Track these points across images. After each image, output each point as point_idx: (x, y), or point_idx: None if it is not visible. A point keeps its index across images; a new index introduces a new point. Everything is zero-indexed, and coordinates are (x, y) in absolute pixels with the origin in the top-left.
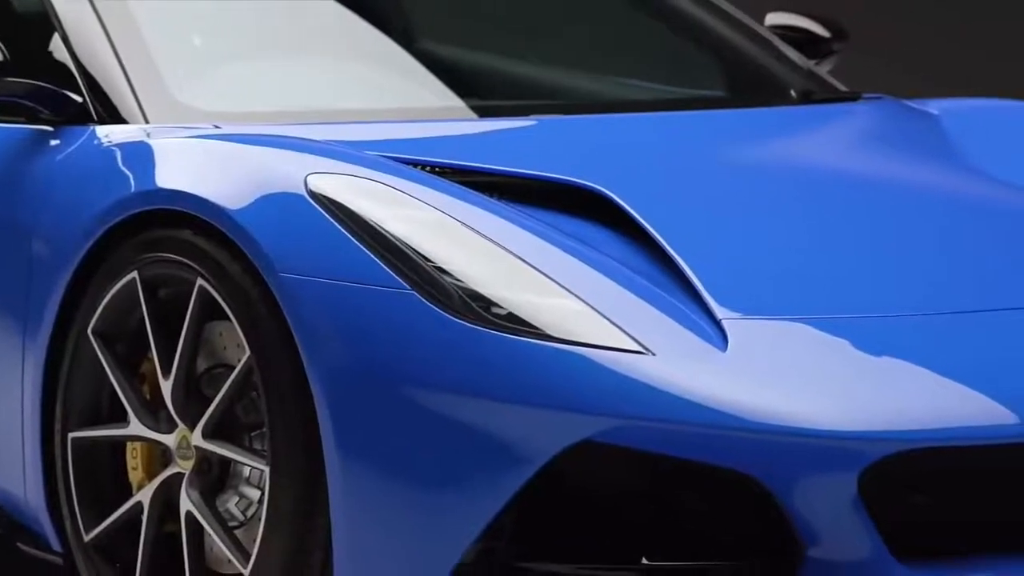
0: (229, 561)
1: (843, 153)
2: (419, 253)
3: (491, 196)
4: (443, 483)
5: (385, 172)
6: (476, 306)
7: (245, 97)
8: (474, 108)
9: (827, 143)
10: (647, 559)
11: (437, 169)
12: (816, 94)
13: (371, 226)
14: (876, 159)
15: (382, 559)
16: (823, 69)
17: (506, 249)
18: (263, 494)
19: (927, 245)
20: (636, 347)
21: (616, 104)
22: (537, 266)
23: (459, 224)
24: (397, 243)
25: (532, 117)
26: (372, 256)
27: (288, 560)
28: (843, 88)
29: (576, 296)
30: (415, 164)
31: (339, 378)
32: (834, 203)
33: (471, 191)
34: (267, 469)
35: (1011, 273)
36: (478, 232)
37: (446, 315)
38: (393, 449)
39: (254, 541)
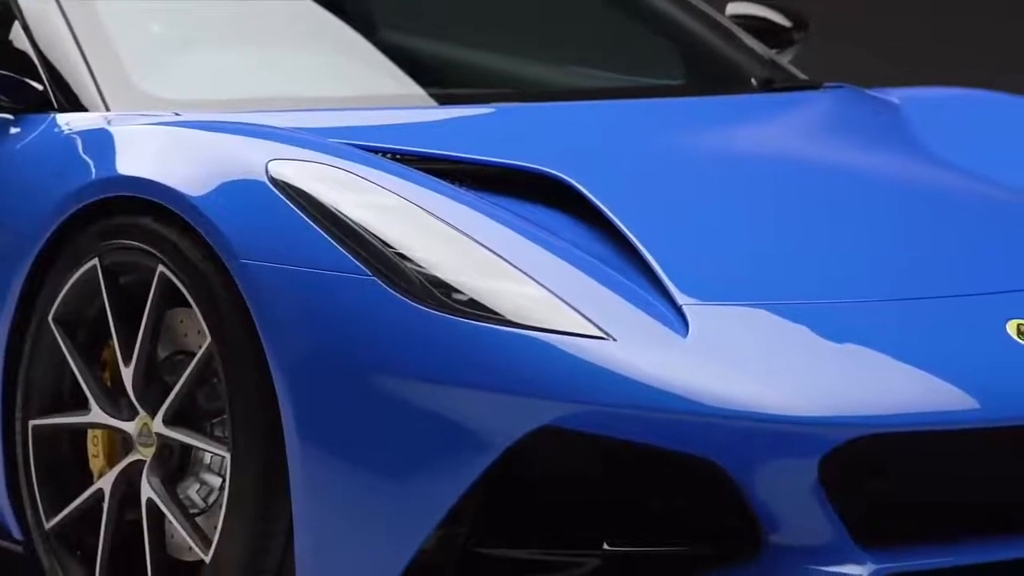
0: (190, 548)
1: (803, 140)
2: (380, 239)
3: (453, 183)
4: (404, 469)
5: (346, 159)
6: (437, 292)
7: (206, 85)
8: (434, 96)
9: (787, 130)
10: (608, 544)
11: (399, 156)
12: (777, 83)
13: (332, 212)
14: (836, 146)
15: (343, 545)
16: (784, 58)
17: (467, 235)
18: (224, 481)
19: (887, 232)
20: (597, 333)
21: (575, 92)
22: (498, 252)
23: (420, 210)
24: (358, 229)
25: (491, 104)
26: (333, 242)
27: (249, 546)
28: (804, 77)
29: (537, 282)
30: (377, 151)
31: (300, 364)
32: (794, 190)
33: (432, 178)
34: (228, 455)
35: (970, 259)
36: (439, 218)
37: (407, 301)
38: (354, 435)
39: (215, 528)
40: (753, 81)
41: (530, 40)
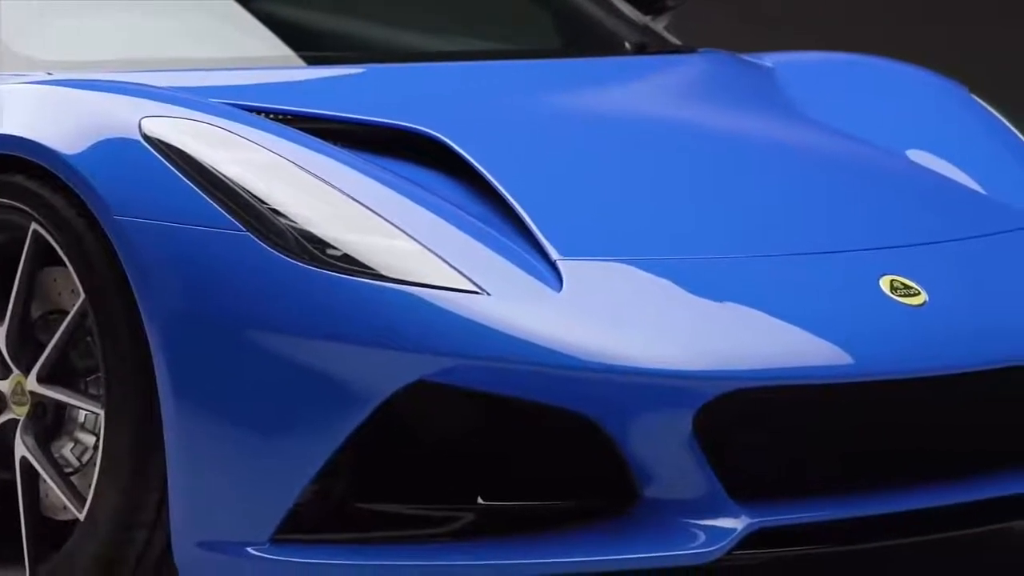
0: (65, 507)
1: (677, 101)
2: (254, 195)
3: (328, 141)
4: (279, 424)
5: (219, 116)
6: (311, 247)
7: (81, 46)
8: (306, 59)
9: (661, 91)
10: (483, 499)
11: (273, 115)
12: (651, 47)
13: (206, 168)
14: (709, 108)
15: (218, 501)
16: (658, 24)
17: (341, 191)
18: (98, 439)
19: (761, 189)
20: (471, 287)
21: (446, 55)
22: (372, 207)
23: (294, 166)
24: (232, 185)
25: (362, 65)
26: (207, 198)
27: (123, 504)
28: (677, 42)
29: (411, 237)
30: (251, 110)
31: (174, 321)
32: (668, 149)
33: (306, 135)
34: (102, 413)
35: (844, 217)
36: (313, 174)
37: (281, 256)
38: (228, 391)
39: (89, 486)
40: (627, 46)
41: (403, 8)
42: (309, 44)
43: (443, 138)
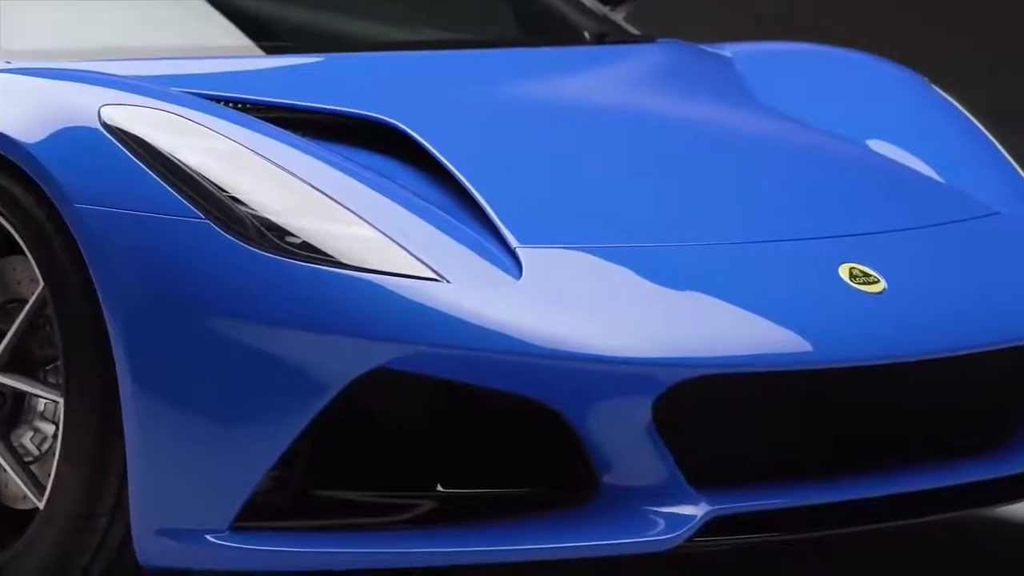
0: (24, 496)
1: (636, 90)
2: (213, 183)
3: (288, 130)
4: (238, 412)
5: (179, 104)
6: (271, 235)
7: (38, 36)
8: (266, 49)
9: (620, 80)
10: (442, 486)
11: (234, 104)
12: (610, 36)
13: (165, 156)
14: (669, 96)
15: (178, 489)
16: (618, 15)
17: (300, 178)
18: (58, 428)
19: (721, 178)
20: (430, 274)
21: (406, 44)
22: (331, 195)
23: (253, 154)
24: (191, 173)
25: (322, 54)
26: (166, 186)
27: (82, 493)
28: (636, 32)
29: (370, 224)
30: (211, 99)
31: (134, 308)
32: (628, 137)
33: (266, 123)
34: (61, 402)
35: (803, 205)
36: (272, 162)
37: (241, 244)
38: (188, 379)
39: (49, 475)
40: (586, 35)
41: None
42: (269, 34)
43: (403, 127)
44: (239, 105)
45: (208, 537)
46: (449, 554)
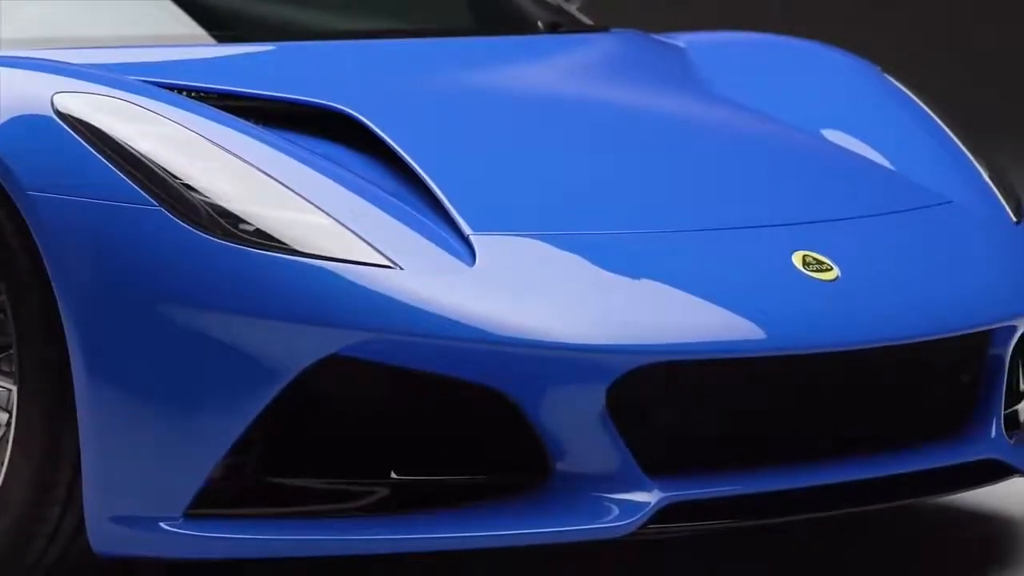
0: None
1: (588, 79)
2: (166, 170)
3: (242, 118)
4: (191, 399)
5: (132, 91)
6: (224, 222)
7: None
8: (219, 38)
9: (572, 70)
10: (396, 473)
11: (188, 93)
12: (564, 27)
13: (118, 143)
14: (622, 85)
15: (131, 476)
16: (572, 6)
17: (254, 166)
18: (11, 416)
19: (674, 166)
20: (384, 262)
21: (360, 33)
22: (285, 182)
23: (207, 142)
24: (144, 160)
25: (275, 43)
26: (119, 173)
27: (36, 480)
28: (589, 22)
29: (324, 212)
30: (165, 87)
31: (87, 296)
32: (582, 125)
33: (219, 111)
34: (15, 390)
35: (756, 193)
36: (226, 150)
37: (194, 231)
38: (142, 367)
39: (2, 463)
40: (540, 25)
41: None
42: (221, 23)
43: (357, 115)
44: (193, 93)
45: (162, 525)
46: (403, 541)
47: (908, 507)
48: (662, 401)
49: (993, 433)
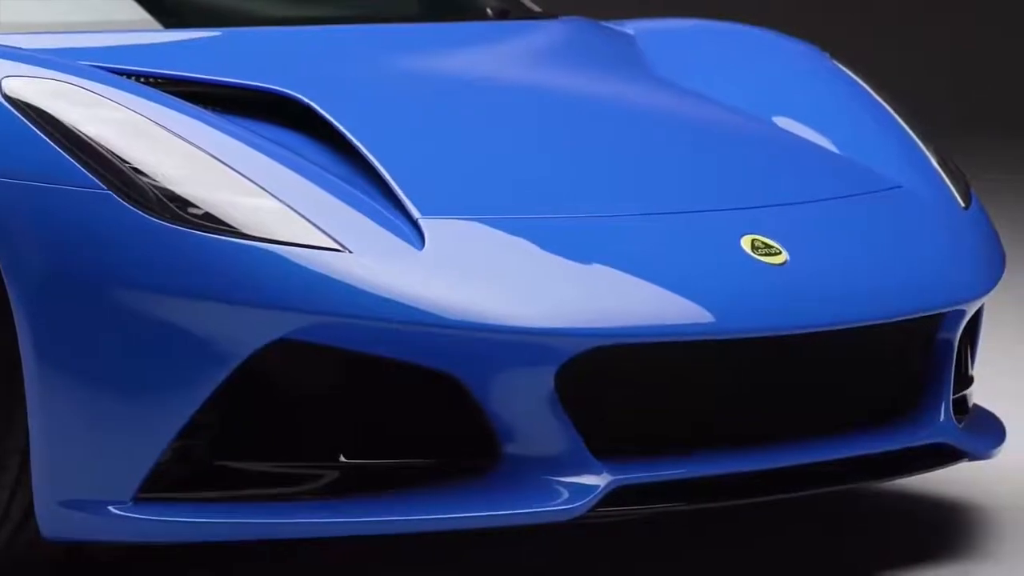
0: None
1: (536, 65)
2: (115, 154)
3: (191, 103)
4: (140, 383)
5: (81, 76)
6: (173, 206)
7: None
8: (166, 24)
9: (520, 56)
10: (346, 457)
11: (138, 78)
12: (512, 13)
13: (67, 127)
14: (568, 72)
15: (80, 460)
16: None
17: (202, 149)
18: None
19: (619, 150)
20: (332, 245)
21: (307, 19)
22: (234, 166)
23: (156, 126)
24: (93, 144)
25: (223, 28)
26: (68, 157)
27: None
28: (538, 10)
29: (273, 195)
30: (115, 72)
31: (36, 279)
32: (527, 111)
33: (168, 95)
34: None
35: (706, 178)
36: (175, 134)
37: (143, 215)
38: (90, 350)
39: None
40: (489, 12)
41: None
42: (165, 8)
43: (305, 100)
44: (142, 78)
45: (111, 508)
46: (352, 524)
47: (856, 491)
48: (611, 384)
49: (942, 417)
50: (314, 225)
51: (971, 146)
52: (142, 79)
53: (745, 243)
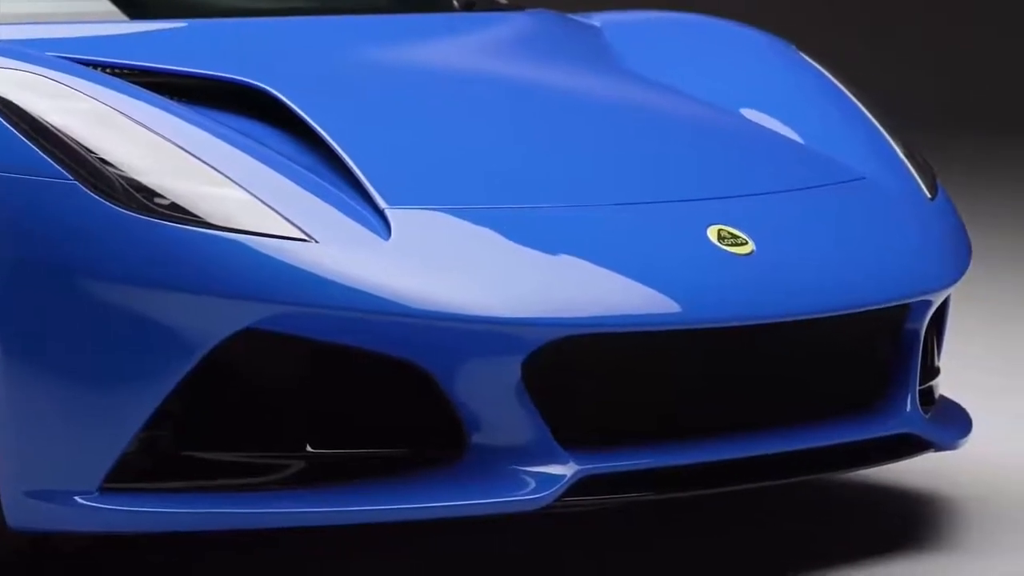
0: None
1: (502, 56)
2: (82, 144)
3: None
4: (106, 373)
5: (46, 66)
6: (139, 196)
7: None
8: (132, 15)
9: (487, 47)
10: (313, 447)
11: (103, 69)
12: (478, 5)
13: (33, 118)
14: (534, 63)
15: (46, 450)
16: None
17: (168, 140)
18: None
19: (585, 141)
20: (298, 235)
21: (273, 10)
22: (200, 156)
23: (122, 116)
24: (59, 134)
25: (189, 19)
26: (34, 147)
27: None
28: (504, 1)
29: (238, 185)
30: (81, 63)
31: (1, 269)
32: (494, 102)
33: (134, 86)
34: None
35: (672, 168)
36: (142, 124)
37: (109, 205)
38: (57, 340)
39: None
40: (455, 3)
41: None
42: (134, 1)
43: (272, 91)
44: (109, 69)
45: (77, 499)
46: (318, 514)
47: (823, 481)
48: (578, 374)
49: (908, 408)
50: (280, 215)
51: (968, 145)
52: (108, 70)
53: (712, 233)
